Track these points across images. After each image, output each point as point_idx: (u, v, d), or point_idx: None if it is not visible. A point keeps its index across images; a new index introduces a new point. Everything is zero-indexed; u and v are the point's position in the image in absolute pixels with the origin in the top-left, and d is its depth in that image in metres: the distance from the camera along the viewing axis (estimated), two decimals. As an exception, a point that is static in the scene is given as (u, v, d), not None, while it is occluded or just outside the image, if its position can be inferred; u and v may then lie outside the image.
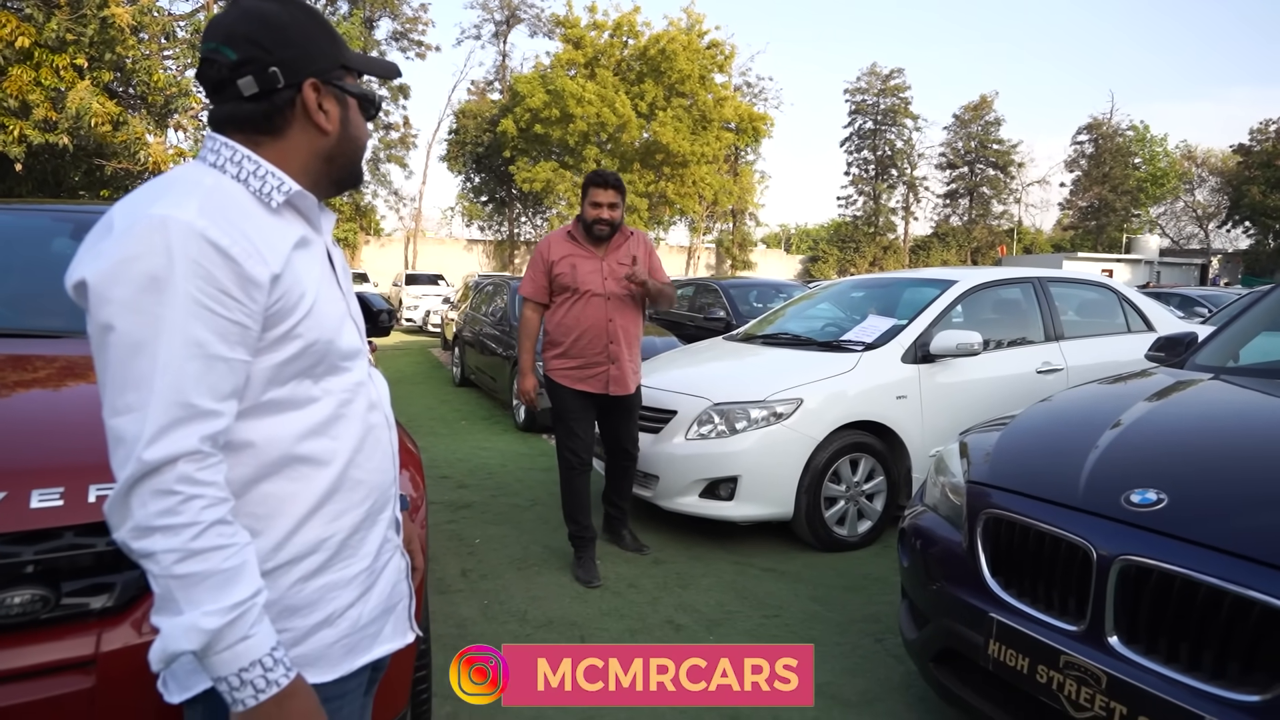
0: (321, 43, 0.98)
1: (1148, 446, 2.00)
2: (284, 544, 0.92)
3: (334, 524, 0.96)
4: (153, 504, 0.79)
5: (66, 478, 1.28)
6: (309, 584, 0.94)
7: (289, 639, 0.92)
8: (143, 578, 1.26)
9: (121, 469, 0.80)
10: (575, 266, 3.33)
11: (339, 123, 1.00)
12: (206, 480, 0.82)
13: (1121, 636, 1.62)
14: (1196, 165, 43.73)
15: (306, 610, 0.94)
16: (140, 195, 0.87)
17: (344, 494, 0.97)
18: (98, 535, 1.25)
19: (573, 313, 3.34)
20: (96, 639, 1.19)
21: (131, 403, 0.80)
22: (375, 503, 1.02)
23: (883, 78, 42.58)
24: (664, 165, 30.90)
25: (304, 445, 0.93)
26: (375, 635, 1.03)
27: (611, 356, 3.34)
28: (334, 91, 0.99)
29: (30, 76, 9.69)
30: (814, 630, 2.94)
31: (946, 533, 2.18)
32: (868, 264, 41.68)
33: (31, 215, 2.81)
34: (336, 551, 0.97)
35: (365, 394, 1.02)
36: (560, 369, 3.38)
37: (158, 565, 0.80)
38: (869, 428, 3.92)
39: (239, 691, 0.82)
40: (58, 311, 2.36)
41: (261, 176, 0.94)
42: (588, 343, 3.32)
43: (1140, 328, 4.96)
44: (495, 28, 36.16)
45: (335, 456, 0.96)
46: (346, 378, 0.99)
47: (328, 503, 0.95)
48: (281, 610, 0.91)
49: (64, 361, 1.90)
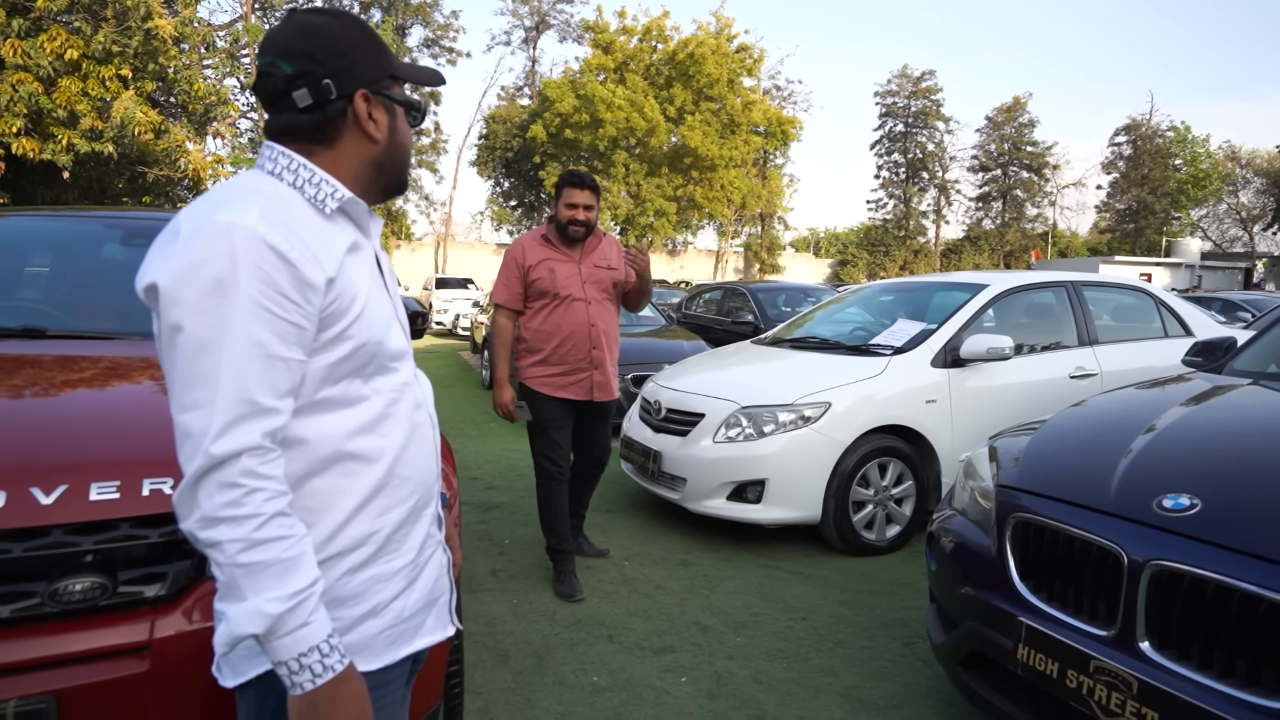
0: (370, 54, 1.01)
1: (1181, 451, 1.98)
2: (334, 537, 0.96)
3: (381, 519, 1.00)
4: (219, 496, 0.83)
5: (122, 472, 1.34)
6: (356, 576, 0.98)
7: (337, 628, 0.95)
8: (192, 569, 1.33)
9: (189, 463, 0.84)
10: (554, 270, 3.20)
11: (388, 131, 1.04)
12: (268, 474, 0.86)
13: (1153, 642, 1.61)
14: (1241, 166, 42.55)
15: (354, 601, 0.97)
16: (205, 202, 0.92)
17: (391, 490, 1.00)
18: (151, 527, 1.32)
19: (552, 318, 3.21)
20: (150, 626, 1.25)
21: (199, 399, 0.84)
22: (420, 499, 1.06)
23: (914, 80, 42.16)
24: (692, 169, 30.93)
25: (354, 442, 0.97)
26: (418, 628, 1.06)
27: (595, 361, 3.24)
28: (383, 101, 1.03)
29: (78, 87, 10.03)
30: (841, 634, 2.94)
31: (975, 537, 2.18)
32: (898, 268, 41.23)
33: (83, 221, 2.92)
34: (383, 545, 1.00)
35: (411, 394, 1.06)
36: (540, 376, 3.24)
37: (223, 554, 0.83)
38: (898, 432, 3.90)
39: (298, 675, 0.85)
40: (110, 314, 2.47)
41: (316, 184, 0.98)
42: (570, 348, 3.21)
43: (1178, 332, 4.87)
44: (525, 34, 36.54)
45: (383, 453, 0.99)
46: (394, 378, 1.03)
47: (375, 498, 0.99)
48: (330, 600, 0.95)
49: (117, 362, 1.99)
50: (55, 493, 1.28)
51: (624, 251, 3.36)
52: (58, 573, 1.26)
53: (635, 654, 2.75)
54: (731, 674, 2.62)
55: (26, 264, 2.69)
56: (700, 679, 2.59)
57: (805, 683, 2.57)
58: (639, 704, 2.43)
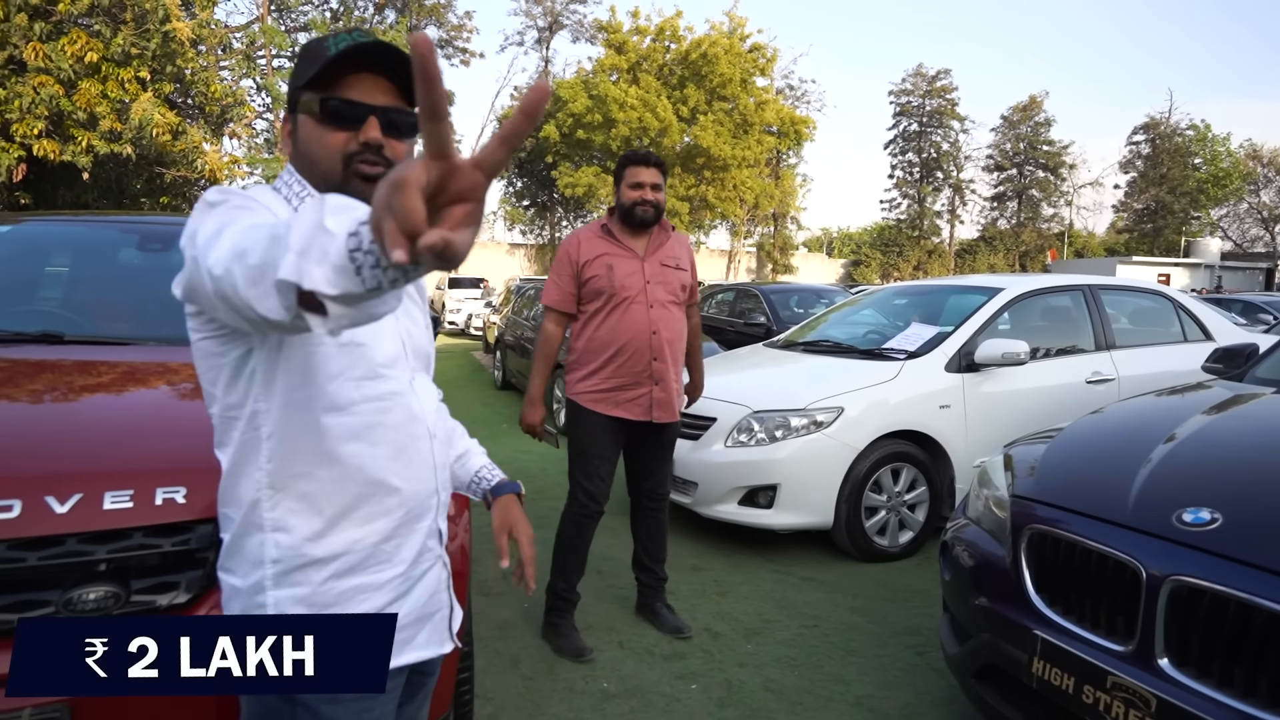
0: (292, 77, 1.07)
1: (1202, 463, 1.95)
2: (317, 540, 0.96)
3: (365, 528, 0.99)
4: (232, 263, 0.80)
5: (136, 481, 1.35)
6: (340, 583, 0.98)
7: None
8: (204, 577, 1.33)
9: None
10: (612, 267, 2.76)
11: (288, 136, 1.08)
12: None
13: (1172, 659, 1.59)
14: (1262, 165, 41.94)
15: (336, 608, 0.97)
16: None
17: (378, 499, 1.00)
18: (164, 536, 1.32)
19: (608, 324, 2.77)
20: (163, 635, 1.26)
21: None
22: (410, 511, 1.04)
23: (929, 79, 41.88)
24: (705, 169, 30.87)
25: (341, 446, 0.97)
26: (408, 641, 1.05)
27: (656, 376, 2.79)
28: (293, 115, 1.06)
29: (98, 89, 10.14)
30: (853, 642, 2.92)
31: (990, 547, 2.15)
32: (911, 268, 40.98)
33: (100, 227, 2.95)
34: (369, 555, 1.00)
35: (405, 403, 1.04)
36: (590, 391, 2.81)
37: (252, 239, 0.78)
38: (911, 437, 3.87)
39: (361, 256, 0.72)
40: (126, 319, 2.49)
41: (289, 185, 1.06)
42: (627, 359, 2.77)
43: (1198, 337, 4.81)
44: (538, 34, 36.59)
45: (370, 461, 0.99)
46: (384, 385, 1.01)
47: (361, 506, 0.99)
48: (312, 606, 0.95)
49: (133, 368, 2.00)
50: (70, 502, 1.29)
51: None
52: (71, 581, 1.27)
53: (645, 660, 2.75)
54: (742, 682, 2.61)
55: (42, 269, 2.72)
56: (711, 686, 2.57)
57: (816, 691, 2.55)
58: (649, 711, 2.42)
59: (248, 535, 0.98)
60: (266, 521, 0.96)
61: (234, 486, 0.99)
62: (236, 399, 0.96)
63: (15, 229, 2.82)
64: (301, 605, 0.95)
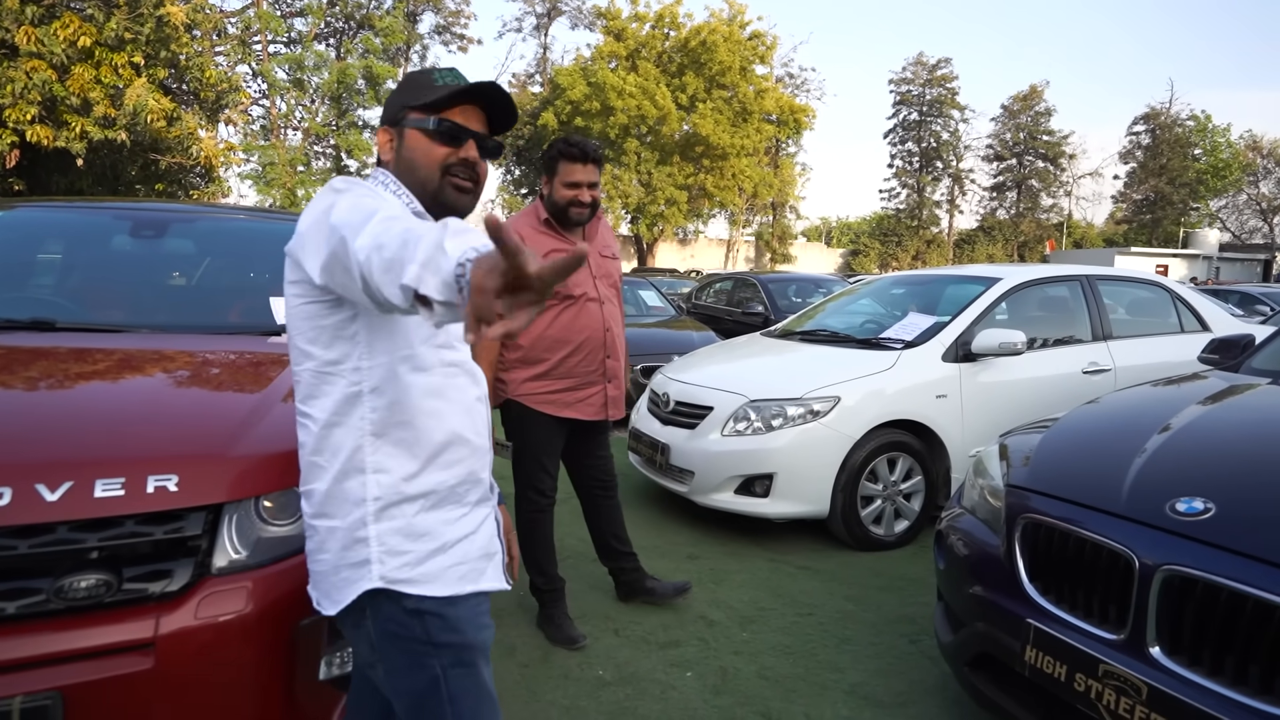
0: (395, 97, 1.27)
1: (1196, 453, 1.95)
2: (411, 479, 1.14)
3: (446, 471, 1.17)
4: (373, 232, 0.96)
5: (127, 468, 1.34)
6: (427, 516, 1.15)
7: (412, 559, 1.13)
8: (197, 566, 1.33)
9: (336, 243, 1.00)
10: None
11: (392, 151, 1.25)
12: None
13: (1164, 647, 1.59)
14: (1262, 156, 41.92)
15: (425, 537, 1.14)
16: None
17: (454, 449, 1.18)
18: (156, 524, 1.32)
19: (560, 322, 2.65)
20: (155, 623, 1.26)
21: None
22: (478, 465, 1.23)
23: (929, 68, 41.74)
24: (704, 158, 30.77)
25: (428, 401, 1.15)
26: (481, 572, 1.21)
27: (609, 373, 2.76)
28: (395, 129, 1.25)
29: (91, 75, 10.07)
30: (848, 630, 2.93)
31: (984, 536, 2.16)
32: (910, 258, 40.96)
33: (93, 213, 2.93)
34: (447, 495, 1.18)
35: (468, 370, 1.24)
36: (539, 393, 2.68)
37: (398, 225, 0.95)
38: (908, 426, 3.88)
39: None
40: (118, 306, 2.48)
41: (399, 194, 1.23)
42: (582, 358, 2.69)
43: (1195, 328, 4.81)
44: (537, 20, 36.39)
45: (449, 415, 1.18)
46: (453, 354, 1.20)
47: (442, 453, 1.17)
48: (406, 534, 1.13)
49: (125, 355, 1.99)
50: (60, 489, 1.28)
51: None
52: (63, 569, 1.26)
53: (641, 648, 2.76)
54: (737, 669, 2.62)
55: (35, 255, 2.70)
56: (706, 674, 2.59)
57: (811, 679, 2.57)
58: (644, 698, 2.43)
59: (347, 478, 1.12)
60: (369, 464, 1.12)
61: (329, 436, 1.13)
62: (336, 356, 1.11)
63: (8, 215, 2.80)
64: (398, 535, 1.12)
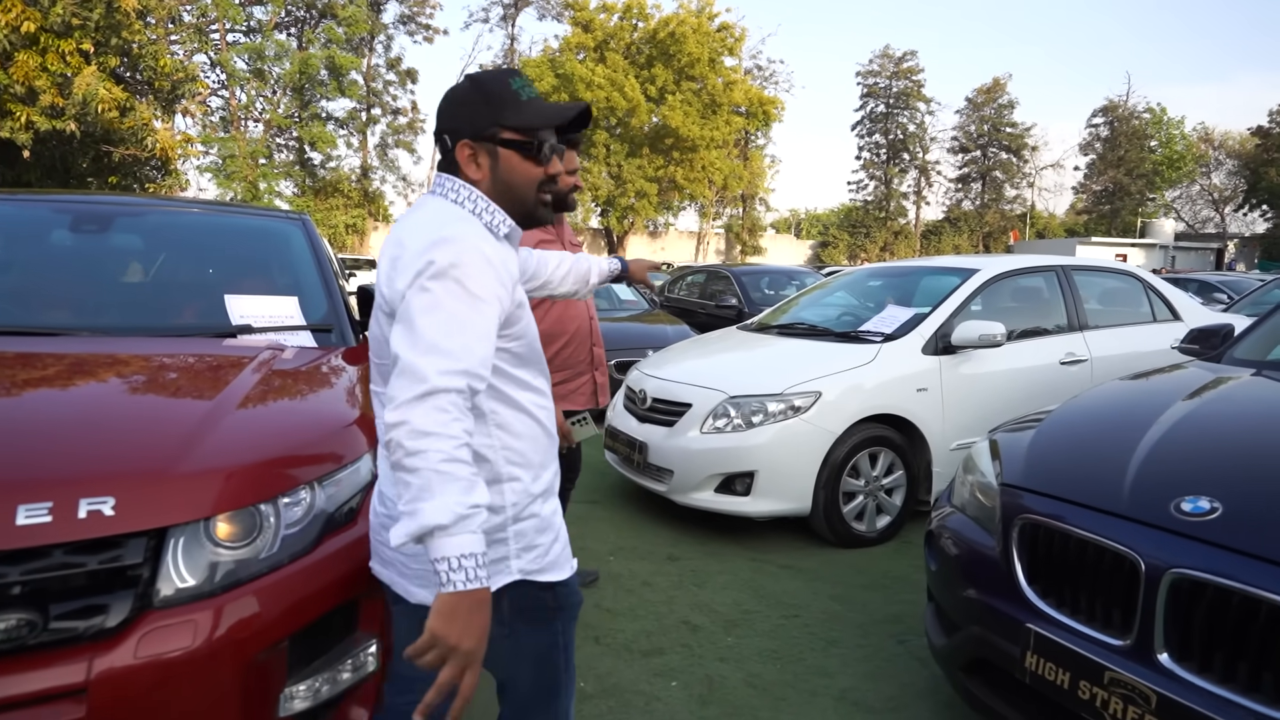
0: (477, 111, 1.24)
1: (1195, 450, 1.89)
2: (534, 481, 1.28)
3: (549, 470, 1.32)
4: (433, 415, 1.04)
5: (56, 491, 1.20)
6: (546, 506, 1.31)
7: (542, 550, 1.27)
8: (136, 599, 1.19)
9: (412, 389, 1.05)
10: None
11: (488, 170, 1.26)
12: (466, 413, 1.09)
13: (1172, 653, 1.53)
14: (1214, 148, 43.04)
15: (548, 530, 1.30)
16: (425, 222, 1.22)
17: (549, 451, 1.33)
18: (89, 553, 1.18)
19: (552, 317, 2.67)
20: (88, 665, 1.12)
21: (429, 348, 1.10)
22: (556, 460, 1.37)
23: (895, 60, 42.05)
24: (673, 150, 30.64)
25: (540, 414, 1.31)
26: (570, 556, 1.37)
27: (596, 362, 2.82)
28: (487, 146, 1.25)
29: (36, 62, 9.62)
30: (834, 632, 2.86)
31: (977, 536, 2.09)
32: (879, 249, 41.33)
33: (29, 206, 2.73)
34: (549, 489, 1.32)
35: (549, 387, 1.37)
36: None
37: (425, 461, 1.02)
38: (888, 421, 3.82)
39: (454, 573, 1.02)
40: (57, 306, 2.29)
41: (492, 212, 1.26)
42: (573, 350, 2.74)
43: (1166, 317, 4.84)
44: (504, 10, 35.87)
45: (546, 425, 1.32)
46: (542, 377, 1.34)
47: (546, 456, 1.32)
48: (542, 527, 1.28)
49: (62, 361, 1.82)
50: (-25, 517, 1.13)
51: None
52: (-21, 607, 1.12)
53: (623, 656, 2.66)
54: (723, 677, 2.53)
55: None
56: (691, 683, 2.49)
57: (799, 685, 2.49)
58: (628, 711, 2.33)
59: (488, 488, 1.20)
60: (504, 474, 1.23)
61: None
62: None
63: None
64: (532, 531, 1.26)
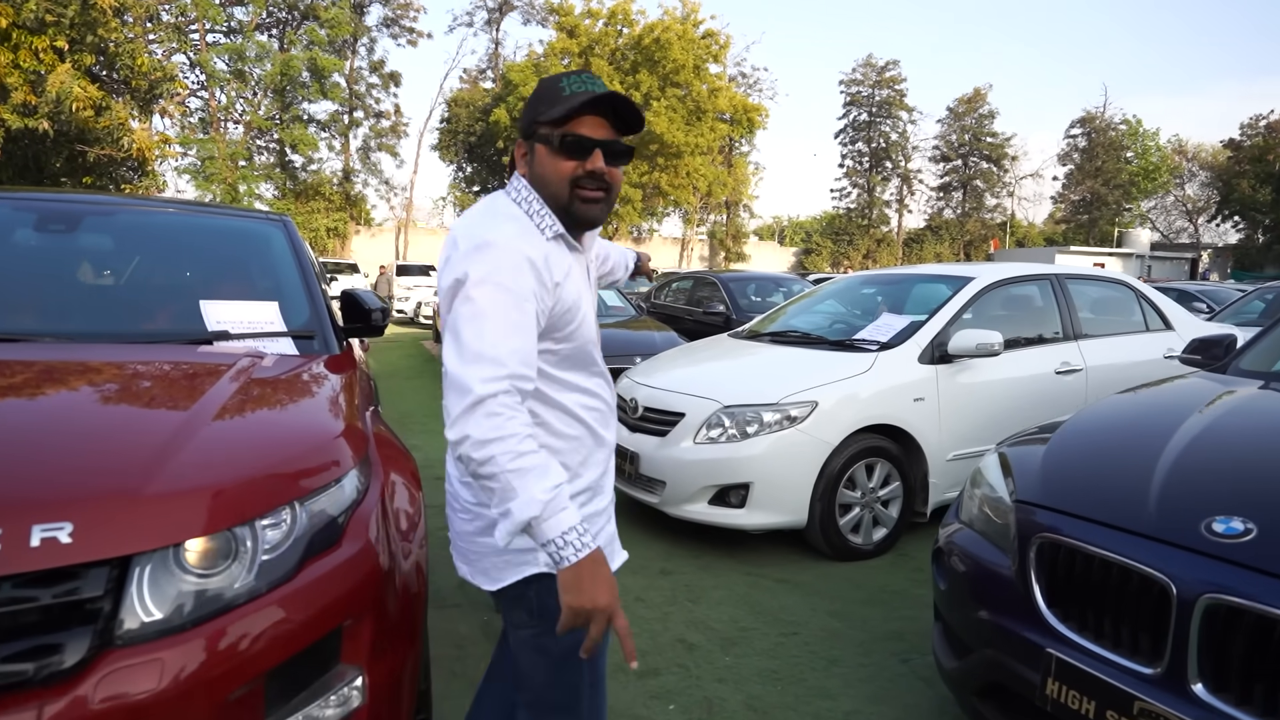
0: (529, 108, 1.31)
1: (1219, 467, 1.82)
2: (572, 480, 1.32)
3: (595, 469, 1.40)
4: (486, 422, 1.10)
5: (5, 516, 1.08)
6: (587, 507, 1.37)
7: None
8: (95, 636, 1.07)
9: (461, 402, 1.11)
10: None
11: (529, 167, 1.32)
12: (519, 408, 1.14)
13: (1207, 684, 1.46)
14: (1187, 159, 43.81)
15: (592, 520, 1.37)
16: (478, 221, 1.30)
17: (599, 450, 1.40)
18: (42, 586, 1.06)
19: None
20: (37, 713, 1.00)
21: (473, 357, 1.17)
22: (610, 459, 1.45)
23: (878, 69, 42.38)
24: (658, 156, 30.63)
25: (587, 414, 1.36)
26: (615, 553, 1.45)
27: None
28: (528, 143, 1.32)
29: (8, 58, 9.37)
30: (835, 650, 2.77)
31: (989, 554, 2.01)
32: (861, 257, 41.55)
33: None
34: (594, 487, 1.40)
35: (609, 383, 1.43)
36: None
37: (497, 466, 1.09)
38: (885, 431, 3.75)
39: (563, 550, 1.10)
40: (19, 310, 2.15)
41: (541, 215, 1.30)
42: None
43: (1158, 326, 4.82)
44: (488, 14, 35.76)
45: (588, 430, 1.37)
46: (599, 376, 1.41)
47: (595, 453, 1.39)
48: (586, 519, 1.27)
49: (21, 370, 1.69)
50: (-87, 546, 1.01)
51: None
52: (-85, 649, 1.00)
53: (617, 678, 2.54)
54: (723, 699, 2.43)
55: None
56: (689, 706, 2.39)
57: (802, 708, 2.39)
58: (624, 737, 2.22)
59: None
60: None
61: None
62: None
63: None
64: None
